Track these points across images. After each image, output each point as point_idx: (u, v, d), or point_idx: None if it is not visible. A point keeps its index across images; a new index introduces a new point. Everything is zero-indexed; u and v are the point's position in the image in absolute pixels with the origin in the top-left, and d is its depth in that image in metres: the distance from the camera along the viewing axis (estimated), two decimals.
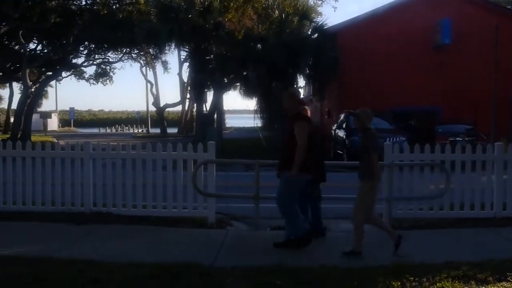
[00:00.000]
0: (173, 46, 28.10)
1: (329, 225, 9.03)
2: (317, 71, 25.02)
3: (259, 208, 8.94)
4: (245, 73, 27.00)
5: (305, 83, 31.83)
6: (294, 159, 7.30)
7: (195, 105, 36.00)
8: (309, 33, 26.56)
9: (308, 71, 25.90)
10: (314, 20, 26.70)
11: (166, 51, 31.45)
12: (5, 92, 56.45)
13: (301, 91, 33.49)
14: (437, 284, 5.80)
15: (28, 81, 30.59)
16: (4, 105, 58.31)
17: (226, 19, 25.96)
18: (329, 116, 27.16)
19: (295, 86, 26.81)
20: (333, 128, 23.70)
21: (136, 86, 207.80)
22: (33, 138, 26.58)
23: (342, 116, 22.86)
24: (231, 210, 10.03)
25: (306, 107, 8.10)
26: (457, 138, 19.52)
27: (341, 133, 21.95)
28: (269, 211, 9.42)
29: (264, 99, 26.75)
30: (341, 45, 24.33)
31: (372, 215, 7.40)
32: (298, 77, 27.03)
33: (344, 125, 21.87)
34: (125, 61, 36.28)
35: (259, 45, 26.60)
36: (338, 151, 21.78)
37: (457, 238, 8.26)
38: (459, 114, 23.10)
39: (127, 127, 63.75)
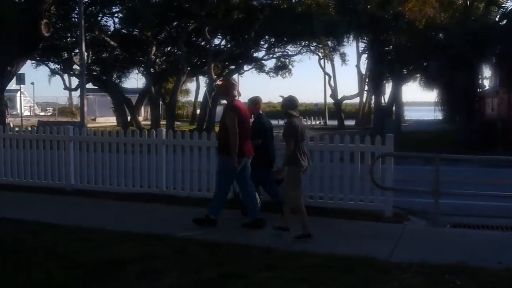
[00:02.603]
0: (351, 37, 27.99)
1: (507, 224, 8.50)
2: (504, 60, 23.39)
3: (439, 203, 8.61)
4: (425, 63, 26.06)
5: (490, 74, 29.95)
6: (229, 146, 7.95)
7: (373, 97, 35.55)
8: (497, 19, 24.91)
9: (494, 61, 24.33)
10: (503, 5, 24.98)
11: (344, 43, 31.42)
12: (192, 86, 60.13)
13: (487, 82, 31.56)
14: None
15: (213, 74, 32.24)
16: (191, 98, 62.08)
17: (406, 9, 25.25)
18: None
19: (479, 77, 25.36)
20: None
21: (314, 79, 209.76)
22: (216, 129, 27.95)
23: None
24: (409, 205, 9.76)
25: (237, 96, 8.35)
26: None
27: None
28: (449, 207, 9.08)
29: (445, 91, 25.63)
30: None
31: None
32: (483, 67, 25.54)
33: None
34: (304, 54, 36.71)
35: (441, 35, 25.51)
36: None
37: None
38: None
39: (305, 119, 64.57)
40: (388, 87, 30.19)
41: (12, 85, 26.12)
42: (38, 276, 5.60)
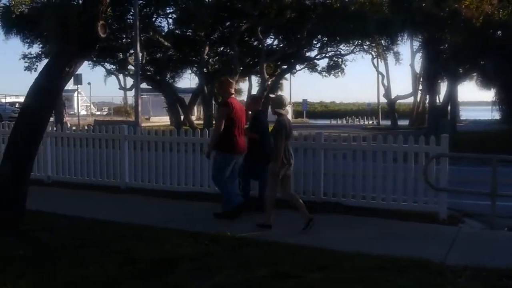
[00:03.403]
0: (405, 36, 27.53)
1: None
2: None
3: (496, 206, 8.39)
4: (482, 62, 25.45)
5: None
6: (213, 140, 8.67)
7: (427, 96, 34.92)
8: None
9: None
10: None
11: (398, 42, 30.95)
12: (244, 85, 60.41)
13: None
14: None
15: (265, 74, 32.29)
16: (244, 97, 62.17)
17: (463, 6, 24.69)
18: None
19: None
20: None
21: (367, 78, 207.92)
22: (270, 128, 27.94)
23: None
24: (464, 207, 9.55)
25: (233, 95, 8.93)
26: None
27: None
28: (507, 210, 8.84)
29: (503, 90, 25.00)
30: None
31: (288, 192, 8.25)
32: None
33: None
34: (357, 53, 36.35)
35: (499, 32, 24.85)
36: None
37: None
38: None
39: (357, 119, 64.06)
40: (443, 86, 29.59)
41: (70, 85, 26.82)
42: (93, 271, 5.74)
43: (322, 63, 73.08)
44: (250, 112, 9.45)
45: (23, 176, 7.74)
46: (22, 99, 29.66)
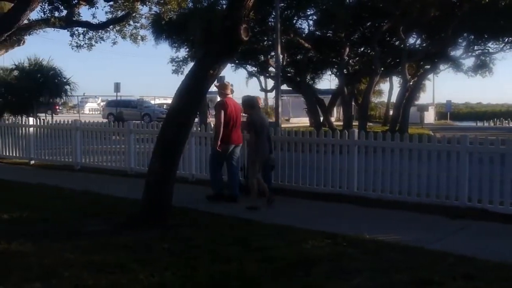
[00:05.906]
0: None
1: None
2: None
3: None
4: None
5: None
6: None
7: None
8: None
9: None
10: None
11: None
12: (385, 86, 59.25)
13: None
14: None
15: (407, 75, 31.46)
16: (384, 99, 61.10)
17: None
18: None
19: None
20: None
21: None
22: (410, 131, 27.26)
23: None
24: None
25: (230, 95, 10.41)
26: None
27: None
28: None
29: None
30: None
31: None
32: None
33: None
34: (507, 51, 34.30)
35: None
36: None
37: None
38: None
39: (506, 121, 60.55)
40: None
41: (213, 87, 27.81)
42: (234, 268, 5.91)
43: (468, 62, 70.03)
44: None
45: (170, 173, 8.16)
46: (169, 101, 31.23)
